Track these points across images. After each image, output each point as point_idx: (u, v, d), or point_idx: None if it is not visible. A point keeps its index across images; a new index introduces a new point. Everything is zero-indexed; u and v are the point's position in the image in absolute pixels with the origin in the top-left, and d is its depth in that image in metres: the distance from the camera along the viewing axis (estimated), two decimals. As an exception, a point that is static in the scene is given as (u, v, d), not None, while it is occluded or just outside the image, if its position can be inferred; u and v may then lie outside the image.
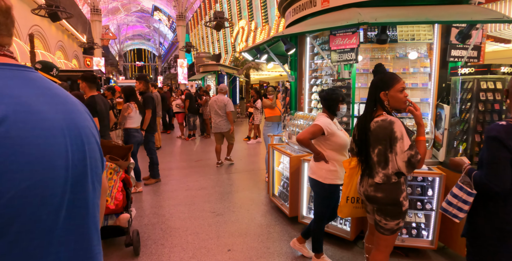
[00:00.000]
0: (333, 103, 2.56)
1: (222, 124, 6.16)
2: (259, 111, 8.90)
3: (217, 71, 11.94)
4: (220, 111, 6.10)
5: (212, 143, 9.00)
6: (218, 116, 6.14)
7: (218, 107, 6.11)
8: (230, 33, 28.94)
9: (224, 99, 6.18)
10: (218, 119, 6.15)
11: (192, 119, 9.50)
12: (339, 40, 3.25)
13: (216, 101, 6.16)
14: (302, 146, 2.49)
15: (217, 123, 6.18)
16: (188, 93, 9.58)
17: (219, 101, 6.14)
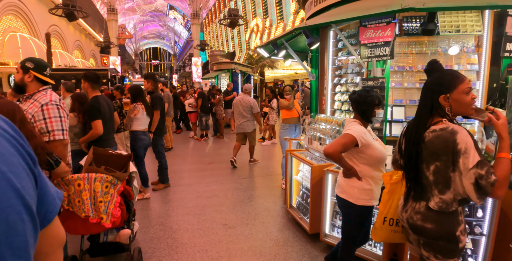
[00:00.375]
0: (368, 108, 2.11)
1: (246, 125, 5.99)
2: (274, 111, 8.47)
3: (231, 69, 11.56)
4: (244, 112, 5.93)
5: (225, 144, 8.64)
6: (242, 116, 5.97)
7: (243, 108, 5.93)
8: (244, 30, 28.53)
9: (250, 100, 5.99)
10: (242, 120, 5.97)
11: (205, 118, 9.16)
12: (370, 33, 2.78)
13: (241, 102, 5.98)
14: (331, 160, 2.04)
15: (241, 123, 6.01)
16: (200, 92, 9.23)
17: (244, 101, 5.97)
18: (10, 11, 19.34)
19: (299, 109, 5.05)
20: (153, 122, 4.73)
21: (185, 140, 9.47)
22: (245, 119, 5.96)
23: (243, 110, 5.95)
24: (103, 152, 2.62)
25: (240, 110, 5.97)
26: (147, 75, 4.93)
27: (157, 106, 4.76)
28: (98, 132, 3.36)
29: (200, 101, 9.01)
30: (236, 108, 6.03)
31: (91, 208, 2.34)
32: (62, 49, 27.92)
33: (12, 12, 19.69)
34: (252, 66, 14.27)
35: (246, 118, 5.97)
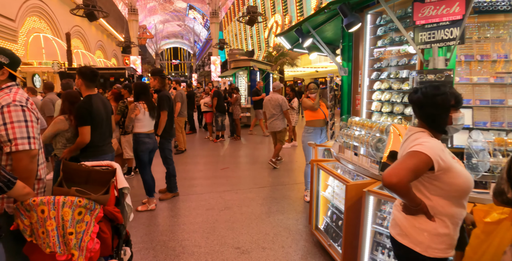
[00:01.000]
0: (438, 112, 1.42)
1: (276, 123, 5.90)
2: (295, 111, 7.78)
3: (249, 67, 10.94)
4: (274, 110, 5.85)
5: (241, 146, 8.04)
6: (271, 115, 5.90)
7: (272, 106, 5.86)
8: (263, 28, 27.88)
9: (279, 98, 5.86)
10: (272, 118, 5.90)
11: (220, 118, 8.58)
12: (429, 10, 2.07)
13: (270, 100, 5.91)
14: (393, 193, 1.35)
15: (271, 122, 5.94)
16: (216, 90, 8.66)
17: (273, 100, 5.88)
18: (34, 12, 19.55)
19: (326, 110, 4.35)
20: (159, 124, 4.18)
21: (199, 142, 8.93)
22: (274, 117, 5.88)
23: (272, 108, 5.86)
24: (77, 167, 2.05)
25: (269, 108, 5.90)
26: (153, 71, 4.37)
27: (164, 106, 4.19)
28: (84, 141, 2.82)
29: (216, 100, 8.44)
30: (266, 107, 5.97)
31: (57, 242, 1.76)
32: (84, 49, 28.25)
33: (36, 13, 19.91)
34: (271, 64, 13.59)
35: (276, 116, 5.87)
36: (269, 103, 5.91)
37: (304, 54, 18.38)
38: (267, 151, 7.53)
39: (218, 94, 8.50)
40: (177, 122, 7.12)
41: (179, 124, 7.17)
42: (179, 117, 7.12)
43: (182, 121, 7.26)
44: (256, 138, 9.38)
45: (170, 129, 4.36)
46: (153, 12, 48.69)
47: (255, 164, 6.31)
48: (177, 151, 7.29)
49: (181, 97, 7.02)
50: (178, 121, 7.14)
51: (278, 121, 5.89)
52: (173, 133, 4.50)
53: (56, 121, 3.11)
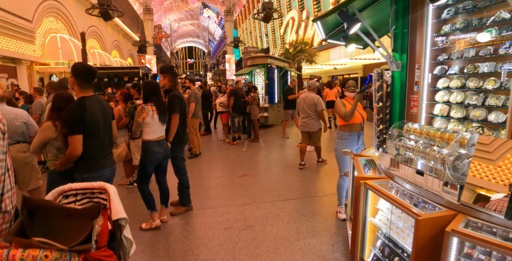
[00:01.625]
0: None
1: (310, 123, 5.70)
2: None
3: (266, 64, 10.30)
4: (308, 109, 5.68)
5: (261, 150, 7.43)
6: (306, 114, 5.73)
7: (307, 106, 5.69)
8: (278, 25, 27.13)
9: (314, 97, 5.67)
10: (306, 118, 5.74)
11: (237, 119, 8.01)
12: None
13: (304, 99, 5.74)
14: None
15: (304, 121, 5.77)
16: (233, 89, 8.09)
17: (308, 99, 5.69)
18: (51, 13, 19.52)
19: (363, 111, 3.69)
20: (171, 128, 3.62)
21: (215, 144, 8.38)
22: (309, 117, 5.70)
23: (307, 107, 5.69)
24: (45, 203, 1.47)
25: (304, 107, 5.73)
26: (162, 68, 3.80)
27: (176, 108, 3.62)
28: (74, 153, 2.28)
29: (232, 99, 7.86)
30: (300, 106, 5.81)
31: None
32: (101, 49, 28.29)
33: (53, 14, 19.89)
34: (289, 61, 12.90)
35: (310, 116, 5.69)
36: (303, 102, 5.73)
37: (324, 50, 17.63)
38: (288, 155, 6.90)
39: (235, 93, 7.92)
40: (191, 124, 6.59)
41: (193, 126, 6.64)
42: (193, 118, 6.58)
43: (196, 122, 6.72)
44: (275, 140, 8.75)
45: (183, 134, 3.80)
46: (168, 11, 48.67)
47: (276, 170, 5.70)
48: (191, 155, 6.76)
49: (195, 97, 6.47)
50: (192, 123, 6.60)
51: (313, 121, 5.70)
52: (186, 139, 3.94)
53: (43, 128, 2.59)
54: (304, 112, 5.74)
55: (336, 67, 19.78)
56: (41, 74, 19.71)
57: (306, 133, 5.85)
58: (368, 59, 16.18)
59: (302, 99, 5.79)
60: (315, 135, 5.79)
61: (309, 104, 5.66)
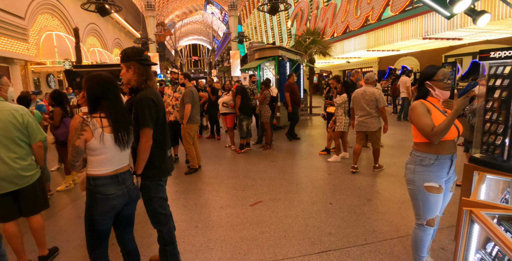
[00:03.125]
0: None
1: (370, 122, 4.91)
2: (342, 110, 5.59)
3: (277, 56, 8.76)
4: (368, 106, 4.88)
5: (276, 160, 5.89)
6: (364, 112, 4.93)
7: (366, 102, 4.90)
8: (285, 18, 25.41)
9: (375, 92, 4.88)
10: (365, 116, 4.94)
11: (246, 122, 6.50)
12: None
13: (363, 94, 4.93)
14: None
15: (362, 120, 4.96)
16: (239, 86, 6.57)
17: (368, 94, 4.88)
18: (45, 9, 18.12)
19: (459, 123, 2.16)
20: (139, 152, 2.12)
21: (218, 152, 6.88)
22: (368, 115, 4.90)
23: (366, 104, 4.89)
24: None
25: (362, 104, 4.94)
26: (125, 55, 2.28)
27: (146, 120, 2.11)
28: None
29: (239, 99, 6.35)
30: (358, 102, 5.00)
31: None
32: (101, 47, 26.94)
33: (47, 10, 18.47)
34: (302, 53, 11.31)
35: (370, 113, 4.88)
36: (361, 98, 4.92)
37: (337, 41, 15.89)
38: (312, 167, 5.38)
39: (242, 91, 6.40)
40: (186, 131, 5.12)
41: (189, 133, 5.16)
42: (190, 124, 5.10)
43: (193, 129, 5.23)
44: (291, 145, 7.22)
45: (160, 161, 2.28)
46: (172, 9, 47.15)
47: (301, 193, 4.19)
48: (189, 170, 5.29)
49: (191, 97, 4.98)
50: (189, 129, 5.12)
51: (373, 120, 4.88)
52: (167, 168, 2.40)
53: None
54: (362, 109, 4.92)
55: (349, 61, 18.09)
56: (37, 74, 18.31)
57: (363, 133, 5.03)
58: (386, 51, 14.48)
59: (360, 94, 4.95)
60: (375, 136, 4.96)
61: (369, 99, 4.85)
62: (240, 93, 6.38)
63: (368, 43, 13.29)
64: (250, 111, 6.53)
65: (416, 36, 10.75)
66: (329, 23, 16.47)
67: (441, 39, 11.15)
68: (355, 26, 14.18)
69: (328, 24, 16.60)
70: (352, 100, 5.11)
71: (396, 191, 4.16)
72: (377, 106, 4.85)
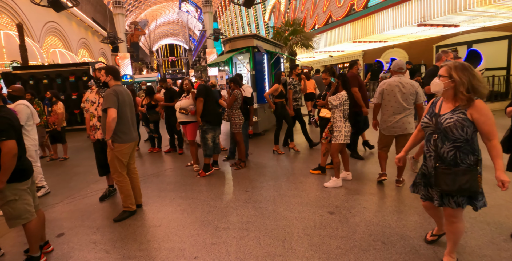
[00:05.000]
0: None
1: (407, 121, 3.69)
2: (340, 114, 3.91)
3: (252, 47, 7.00)
4: (405, 101, 3.65)
5: (251, 184, 4.05)
6: (400, 109, 3.67)
7: (404, 96, 3.65)
8: (262, 13, 23.68)
9: (414, 84, 3.68)
10: (400, 115, 3.67)
11: (211, 134, 4.70)
12: None
13: (399, 86, 3.66)
14: None
15: (397, 120, 3.68)
16: (202, 85, 4.75)
17: (406, 85, 3.65)
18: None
19: None
20: None
21: (174, 177, 5.04)
22: (405, 113, 3.70)
23: (403, 98, 3.67)
24: None
25: (398, 98, 3.68)
26: None
27: None
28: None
29: (201, 103, 4.55)
30: (391, 97, 3.71)
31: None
32: (64, 47, 24.24)
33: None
34: (282, 45, 9.58)
35: (408, 111, 3.70)
36: (397, 90, 3.71)
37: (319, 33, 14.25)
38: (305, 199, 3.65)
39: (205, 92, 4.59)
40: (115, 157, 3.27)
41: (119, 158, 3.31)
42: (118, 143, 3.26)
43: (125, 151, 3.37)
44: (273, 160, 5.49)
45: None
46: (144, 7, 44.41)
47: (300, 250, 2.45)
48: (121, 215, 3.43)
49: (114, 102, 3.14)
50: (118, 152, 3.28)
51: (411, 119, 3.79)
52: None
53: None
54: (398, 106, 3.73)
55: (332, 55, 16.56)
56: (-18, 78, 15.65)
57: (392, 137, 3.87)
58: (373, 42, 13.00)
59: (393, 86, 3.74)
60: (406, 140, 3.47)
61: (407, 93, 3.71)
62: (203, 94, 4.56)
63: (354, 33, 11.74)
64: (216, 119, 4.72)
65: (410, 22, 9.25)
66: (310, 14, 14.84)
67: (437, 26, 9.71)
68: (338, 16, 12.61)
69: (308, 16, 14.97)
70: (381, 93, 3.86)
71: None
72: (417, 102, 3.77)
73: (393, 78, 3.80)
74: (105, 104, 3.13)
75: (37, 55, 17.19)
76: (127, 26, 38.80)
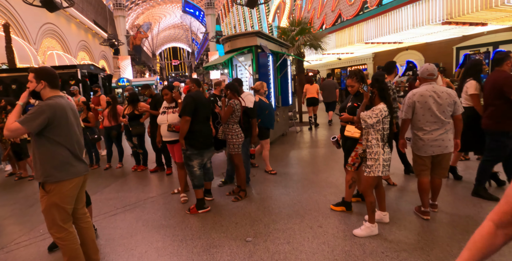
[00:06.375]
0: None
1: (446, 138, 2.94)
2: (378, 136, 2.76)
3: (255, 46, 5.90)
4: (443, 114, 2.90)
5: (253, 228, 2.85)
6: (438, 124, 2.93)
7: (441, 108, 2.90)
8: (265, 14, 22.64)
9: (451, 92, 2.91)
10: (438, 131, 2.93)
11: (197, 161, 3.55)
12: None
13: (433, 96, 2.89)
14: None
15: (435, 137, 2.93)
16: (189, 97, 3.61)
17: (441, 94, 2.90)
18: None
19: None
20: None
21: (153, 213, 3.92)
22: (444, 128, 2.93)
23: (439, 111, 2.91)
24: None
25: (434, 111, 2.91)
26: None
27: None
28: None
29: (188, 123, 3.41)
30: (425, 110, 2.94)
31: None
32: (62, 50, 23.32)
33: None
34: (289, 45, 8.45)
35: (448, 125, 2.94)
36: (431, 102, 2.88)
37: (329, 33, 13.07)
38: (329, 256, 2.51)
39: (194, 107, 3.45)
40: (51, 201, 2.15)
41: (60, 206, 2.19)
42: (50, 183, 2.14)
43: (67, 193, 2.25)
44: (283, 188, 4.35)
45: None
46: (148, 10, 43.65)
47: None
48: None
49: (38, 123, 2.03)
50: (53, 194, 2.16)
51: (451, 135, 2.97)
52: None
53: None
54: (436, 120, 2.93)
55: (340, 58, 15.43)
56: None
57: (430, 158, 3.04)
58: (387, 44, 11.85)
59: (426, 96, 2.91)
60: (446, 161, 3.05)
61: (445, 104, 2.89)
62: (190, 112, 3.37)
63: (367, 34, 10.60)
64: (204, 142, 3.53)
65: (434, 20, 8.09)
66: (317, 14, 13.74)
67: (463, 25, 8.55)
68: (348, 15, 11.50)
69: (315, 15, 13.86)
70: (411, 106, 3.03)
71: None
72: (455, 113, 3.00)
73: (424, 86, 3.03)
74: (29, 127, 2.03)
75: (30, 57, 16.21)
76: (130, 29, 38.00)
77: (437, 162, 3.09)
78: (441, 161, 3.08)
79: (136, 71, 34.53)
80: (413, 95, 3.02)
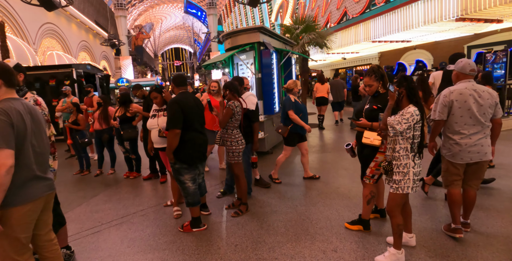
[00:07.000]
0: None
1: (485, 143, 2.56)
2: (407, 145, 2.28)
3: (257, 43, 5.44)
4: (483, 117, 2.52)
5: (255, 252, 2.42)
6: (478, 127, 2.54)
7: (482, 109, 2.51)
8: (268, 13, 22.17)
9: (492, 93, 2.53)
10: (477, 135, 2.54)
11: (189, 176, 3.04)
12: None
13: (474, 96, 2.50)
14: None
15: (473, 142, 2.53)
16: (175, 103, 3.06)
17: (483, 94, 2.51)
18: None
19: None
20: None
21: (141, 230, 3.45)
22: (485, 132, 2.56)
23: (480, 113, 2.51)
24: None
25: (473, 112, 2.51)
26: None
27: None
28: None
29: (177, 136, 2.91)
30: (463, 110, 2.52)
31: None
32: (62, 50, 22.98)
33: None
34: (293, 42, 7.97)
35: (487, 129, 2.57)
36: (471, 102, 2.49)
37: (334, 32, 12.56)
38: None
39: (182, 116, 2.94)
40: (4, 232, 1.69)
41: (13, 235, 1.73)
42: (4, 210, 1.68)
43: (23, 220, 1.79)
44: (286, 200, 3.88)
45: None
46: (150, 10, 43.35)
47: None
48: None
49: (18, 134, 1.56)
50: (8, 221, 1.69)
51: (489, 140, 2.59)
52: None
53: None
54: (475, 122, 2.51)
55: (345, 57, 14.93)
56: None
57: (463, 166, 2.61)
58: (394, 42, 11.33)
59: (466, 95, 2.47)
60: (483, 170, 2.63)
61: (486, 105, 2.49)
62: (179, 124, 2.84)
63: (374, 32, 10.10)
64: (195, 156, 2.99)
65: (447, 16, 7.59)
66: (321, 12, 13.26)
67: (477, 21, 8.04)
68: (355, 13, 11.01)
69: (320, 14, 13.38)
70: (447, 106, 2.60)
71: None
72: (495, 117, 2.61)
73: (464, 84, 2.61)
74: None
75: (28, 57, 15.84)
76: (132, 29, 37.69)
77: (472, 171, 2.68)
78: (476, 170, 2.67)
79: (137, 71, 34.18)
80: (451, 93, 2.58)
